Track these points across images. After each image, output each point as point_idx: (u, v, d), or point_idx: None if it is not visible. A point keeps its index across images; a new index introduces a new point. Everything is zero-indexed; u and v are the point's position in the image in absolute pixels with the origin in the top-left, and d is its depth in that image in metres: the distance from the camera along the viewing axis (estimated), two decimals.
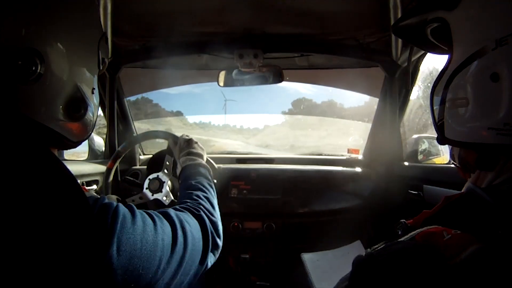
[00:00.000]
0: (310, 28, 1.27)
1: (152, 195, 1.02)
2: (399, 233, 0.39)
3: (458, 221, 0.34)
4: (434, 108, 0.44)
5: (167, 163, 1.03)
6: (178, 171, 0.90)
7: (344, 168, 1.41)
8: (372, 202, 1.32)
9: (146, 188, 1.03)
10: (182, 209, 0.57)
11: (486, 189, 0.35)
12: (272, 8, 1.14)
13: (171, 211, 0.53)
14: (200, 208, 0.59)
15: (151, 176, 1.04)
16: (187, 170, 0.80)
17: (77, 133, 0.50)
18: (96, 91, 0.53)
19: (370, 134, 1.53)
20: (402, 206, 1.23)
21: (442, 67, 0.43)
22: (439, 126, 0.43)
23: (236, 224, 1.28)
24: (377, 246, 0.34)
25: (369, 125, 1.54)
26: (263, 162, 1.51)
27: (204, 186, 0.70)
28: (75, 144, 0.51)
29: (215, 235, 0.58)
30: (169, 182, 1.03)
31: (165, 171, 1.03)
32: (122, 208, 0.43)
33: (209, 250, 0.55)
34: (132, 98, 1.66)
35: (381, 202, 1.32)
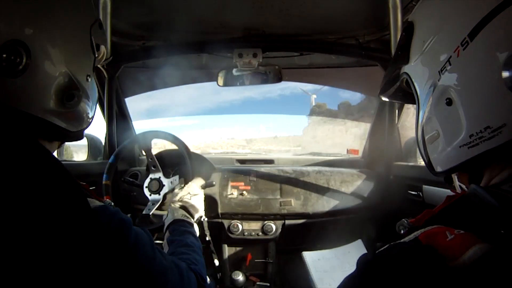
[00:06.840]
0: (309, 27, 1.27)
1: (150, 195, 1.03)
2: (402, 232, 0.39)
3: (460, 221, 0.35)
4: (421, 149, 0.49)
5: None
6: (166, 214, 0.89)
7: (344, 169, 1.41)
8: (372, 203, 1.31)
9: (146, 187, 1.04)
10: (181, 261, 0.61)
11: (487, 189, 0.36)
12: (272, 7, 1.14)
13: (179, 262, 0.58)
14: (193, 262, 0.65)
15: (152, 176, 1.05)
16: (178, 226, 0.82)
17: (74, 122, 0.49)
18: (91, 78, 0.51)
19: (369, 134, 1.52)
20: (401, 206, 1.23)
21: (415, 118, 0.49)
22: (429, 164, 0.48)
23: (236, 224, 1.28)
24: (381, 246, 0.35)
25: None
26: (262, 163, 1.51)
27: (194, 244, 0.75)
28: (75, 134, 0.50)
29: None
30: (167, 186, 1.04)
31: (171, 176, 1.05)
32: (142, 232, 0.48)
33: None
34: None
35: (380, 202, 1.31)
